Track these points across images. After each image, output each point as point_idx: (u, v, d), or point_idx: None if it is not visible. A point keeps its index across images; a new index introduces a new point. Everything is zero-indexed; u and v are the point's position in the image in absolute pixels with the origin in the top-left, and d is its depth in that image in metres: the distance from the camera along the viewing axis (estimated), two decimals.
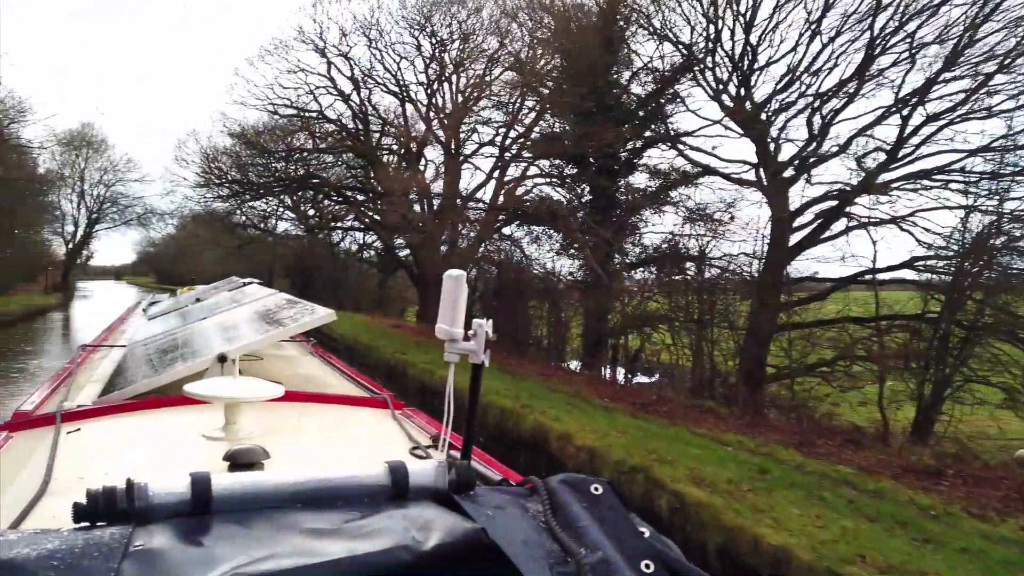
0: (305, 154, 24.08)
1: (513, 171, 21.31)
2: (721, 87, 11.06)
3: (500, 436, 7.65)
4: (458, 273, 1.64)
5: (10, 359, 14.92)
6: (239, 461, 1.63)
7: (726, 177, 11.03)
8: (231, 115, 25.56)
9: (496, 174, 21.19)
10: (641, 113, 13.75)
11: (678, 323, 10.76)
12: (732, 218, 10.17)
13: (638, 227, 15.08)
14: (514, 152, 20.10)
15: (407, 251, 25.50)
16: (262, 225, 35.65)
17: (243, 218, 35.09)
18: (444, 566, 0.92)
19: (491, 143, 20.92)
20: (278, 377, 3.09)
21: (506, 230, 20.49)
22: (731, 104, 11.01)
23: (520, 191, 20.65)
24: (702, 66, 11.24)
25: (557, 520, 1.02)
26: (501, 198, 20.60)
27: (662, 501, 5.08)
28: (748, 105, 10.87)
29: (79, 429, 2.27)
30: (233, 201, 28.48)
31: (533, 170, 20.48)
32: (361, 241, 31.98)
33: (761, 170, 10.78)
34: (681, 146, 11.86)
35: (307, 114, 22.68)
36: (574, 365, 15.35)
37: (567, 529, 1.00)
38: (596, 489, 1.08)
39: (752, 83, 10.66)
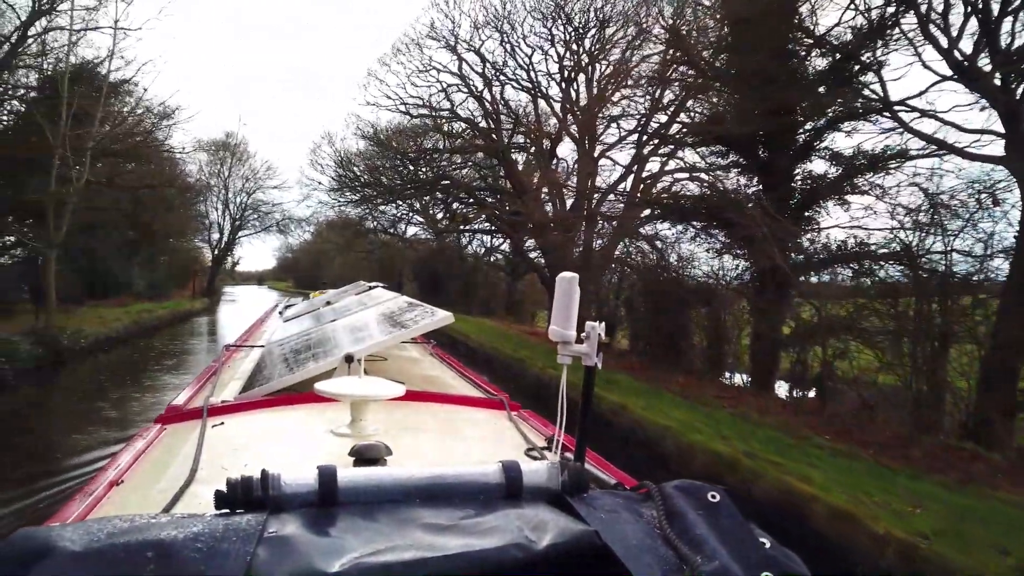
0: (435, 155, 23.47)
1: (652, 165, 19.52)
2: (950, 40, 8.80)
3: None
4: (571, 275, 1.63)
5: (147, 376, 15.07)
6: (363, 456, 1.59)
7: (962, 153, 8.72)
8: (364, 116, 25.38)
9: (635, 168, 19.47)
10: (822, 88, 11.61)
11: (902, 334, 8.57)
12: (996, 202, 7.89)
13: (816, 220, 12.92)
14: (656, 142, 18.25)
15: (535, 253, 24.43)
16: (392, 230, 35.93)
17: (374, 223, 35.59)
18: (556, 567, 0.90)
19: (635, 131, 19.16)
20: (400, 377, 3.10)
21: (650, 228, 18.83)
22: (965, 61, 8.71)
23: (661, 184, 18.89)
24: (924, 15, 9.01)
25: (672, 527, 0.98)
26: (639, 195, 18.89)
27: None
28: (989, 61, 8.56)
29: (223, 423, 2.37)
30: (365, 206, 28.59)
31: (678, 161, 18.64)
32: (489, 244, 31.33)
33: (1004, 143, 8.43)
34: (905, 113, 9.58)
35: (439, 113, 21.98)
36: (734, 379, 13.40)
37: (682, 536, 0.95)
38: (713, 496, 1.02)
39: (1001, 31, 8.34)
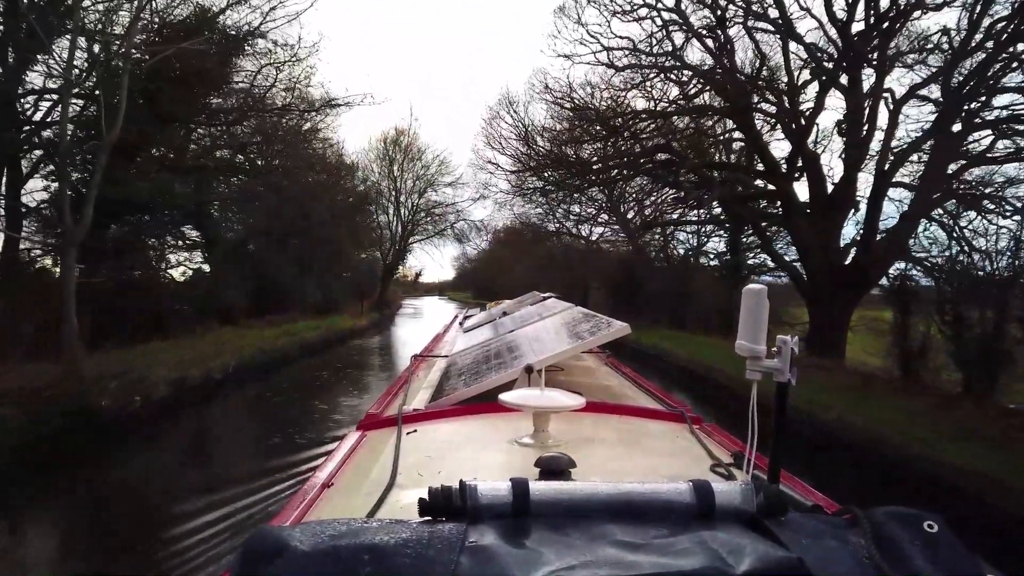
0: (638, 121, 17.94)
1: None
2: None
3: None
4: (758, 288, 1.61)
5: None
6: (549, 468, 1.51)
7: None
8: (553, 73, 20.35)
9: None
10: None
11: None
12: None
13: None
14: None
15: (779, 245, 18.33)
16: (575, 230, 31.20)
17: (557, 224, 31.10)
18: None
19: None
20: (578, 387, 3.03)
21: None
22: None
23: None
24: None
25: (885, 557, 0.88)
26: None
27: None
28: None
29: (415, 430, 2.46)
30: (548, 199, 24.28)
31: None
32: (697, 242, 25.32)
33: None
34: None
35: (661, 58, 16.36)
36: None
37: (897, 568, 0.86)
38: (931, 526, 0.93)
39: None
